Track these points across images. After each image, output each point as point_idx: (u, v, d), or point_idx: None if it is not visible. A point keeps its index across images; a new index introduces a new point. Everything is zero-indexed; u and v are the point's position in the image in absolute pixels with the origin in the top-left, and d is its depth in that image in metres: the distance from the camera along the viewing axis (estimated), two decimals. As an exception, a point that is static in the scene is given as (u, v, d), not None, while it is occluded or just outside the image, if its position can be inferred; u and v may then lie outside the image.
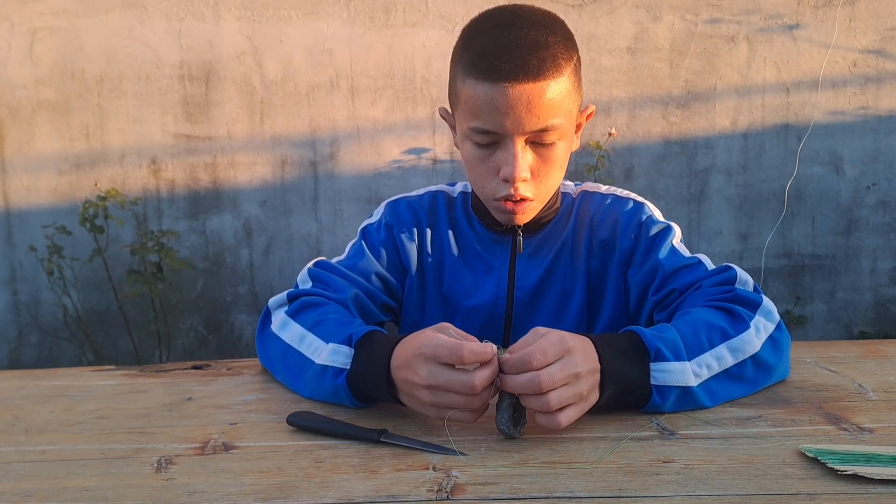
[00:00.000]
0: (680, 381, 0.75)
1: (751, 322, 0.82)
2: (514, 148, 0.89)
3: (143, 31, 2.62)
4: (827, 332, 2.79)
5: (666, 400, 0.75)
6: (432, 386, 0.70)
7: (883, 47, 2.63)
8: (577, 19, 2.61)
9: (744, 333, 0.80)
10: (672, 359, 0.75)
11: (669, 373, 0.75)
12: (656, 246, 0.98)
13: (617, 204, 1.03)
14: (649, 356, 0.75)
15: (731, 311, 0.84)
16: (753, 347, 0.80)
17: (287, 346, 0.87)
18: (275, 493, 0.61)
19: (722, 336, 0.80)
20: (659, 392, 0.75)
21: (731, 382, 0.79)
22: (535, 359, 0.67)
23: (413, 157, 2.69)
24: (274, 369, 0.92)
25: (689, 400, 0.76)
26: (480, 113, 0.88)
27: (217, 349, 2.79)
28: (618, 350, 0.75)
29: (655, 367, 0.75)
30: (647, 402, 0.75)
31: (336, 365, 0.80)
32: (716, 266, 0.95)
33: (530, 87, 0.85)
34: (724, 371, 0.78)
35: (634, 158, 2.70)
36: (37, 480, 0.65)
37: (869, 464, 0.62)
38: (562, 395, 0.68)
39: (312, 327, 0.86)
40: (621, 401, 0.75)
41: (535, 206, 0.96)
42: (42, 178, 2.70)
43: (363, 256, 1.03)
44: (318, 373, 0.82)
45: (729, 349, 0.79)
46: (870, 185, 2.72)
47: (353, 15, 2.62)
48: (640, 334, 0.76)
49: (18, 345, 2.80)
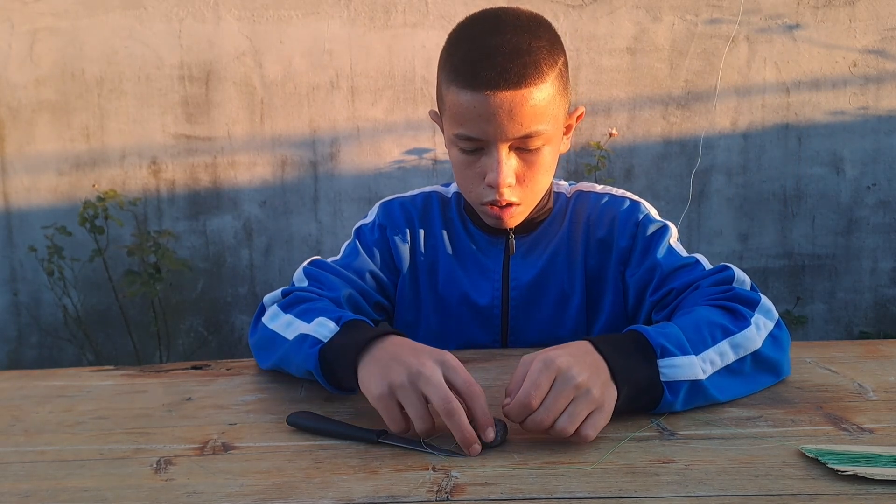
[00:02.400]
0: (689, 374, 0.74)
1: (751, 319, 0.81)
2: (499, 154, 0.89)
3: (143, 32, 2.62)
4: (827, 333, 2.79)
5: (677, 396, 0.74)
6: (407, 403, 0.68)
7: (883, 47, 2.63)
8: (577, 19, 2.61)
9: (745, 330, 0.80)
10: (679, 353, 0.74)
11: (678, 367, 0.74)
12: (654, 245, 0.98)
13: (613, 203, 1.03)
14: (655, 353, 0.74)
15: (731, 309, 0.83)
16: (755, 344, 0.80)
17: (273, 333, 0.88)
18: (274, 493, 0.61)
19: (724, 332, 0.79)
20: (670, 388, 0.73)
21: (735, 379, 0.79)
22: (532, 399, 0.67)
23: (413, 157, 2.69)
24: (260, 357, 0.93)
25: (699, 394, 0.75)
26: (464, 120, 0.88)
27: (217, 349, 2.79)
28: (623, 351, 0.74)
29: (663, 363, 0.74)
30: (659, 401, 0.74)
31: (316, 335, 0.80)
32: (713, 266, 0.94)
33: (512, 95, 0.85)
34: (727, 367, 0.77)
35: (634, 158, 2.70)
36: (36, 481, 0.65)
37: (869, 464, 0.62)
38: (574, 413, 0.67)
39: (301, 315, 0.87)
40: (634, 402, 0.73)
41: (523, 211, 0.96)
42: (42, 178, 2.70)
43: (357, 256, 1.04)
44: (297, 341, 0.82)
45: (731, 345, 0.78)
46: (870, 185, 2.72)
47: (354, 15, 2.62)
48: (643, 332, 0.75)
49: (18, 345, 2.80)
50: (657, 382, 0.73)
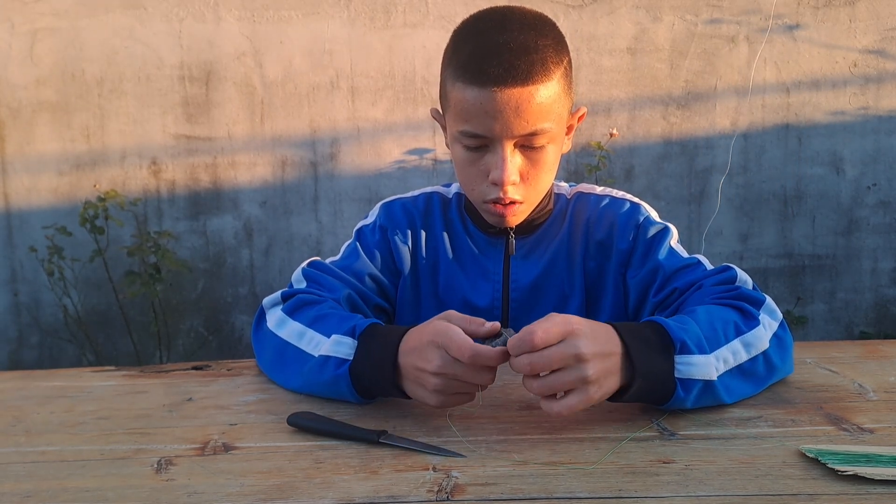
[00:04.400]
0: (703, 374, 0.74)
1: (759, 318, 0.82)
2: (504, 152, 0.89)
3: (143, 32, 2.62)
4: (827, 333, 2.79)
5: (689, 394, 0.74)
6: (442, 374, 0.70)
7: (883, 47, 2.63)
8: (578, 20, 2.61)
9: (755, 329, 0.80)
10: (696, 352, 0.74)
11: (694, 366, 0.74)
12: (655, 247, 0.98)
13: (613, 205, 1.03)
14: (674, 348, 0.74)
15: (739, 307, 0.83)
16: (764, 344, 0.80)
17: (284, 343, 0.87)
18: (275, 493, 0.61)
19: (736, 330, 0.79)
20: (683, 385, 0.73)
21: (744, 379, 0.79)
22: (535, 338, 0.67)
23: (413, 157, 2.69)
24: (269, 367, 0.92)
25: (709, 394, 0.75)
26: (470, 117, 0.88)
27: (217, 350, 2.79)
28: (644, 341, 0.73)
29: (680, 359, 0.73)
30: (671, 396, 0.74)
31: (338, 355, 0.80)
32: (715, 266, 0.95)
33: (519, 92, 0.85)
34: (738, 366, 0.78)
35: (635, 159, 2.70)
36: (37, 481, 0.65)
37: (869, 464, 0.62)
38: (562, 379, 0.68)
39: (312, 323, 0.86)
40: (647, 395, 0.74)
41: (525, 209, 0.96)
42: (42, 178, 2.70)
43: (357, 257, 1.04)
44: (318, 364, 0.81)
45: (743, 344, 0.78)
46: (870, 185, 2.72)
47: (354, 15, 2.62)
48: (665, 326, 0.75)
49: (19, 345, 2.80)
50: (671, 378, 0.73)
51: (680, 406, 0.75)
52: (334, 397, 0.82)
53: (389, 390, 0.77)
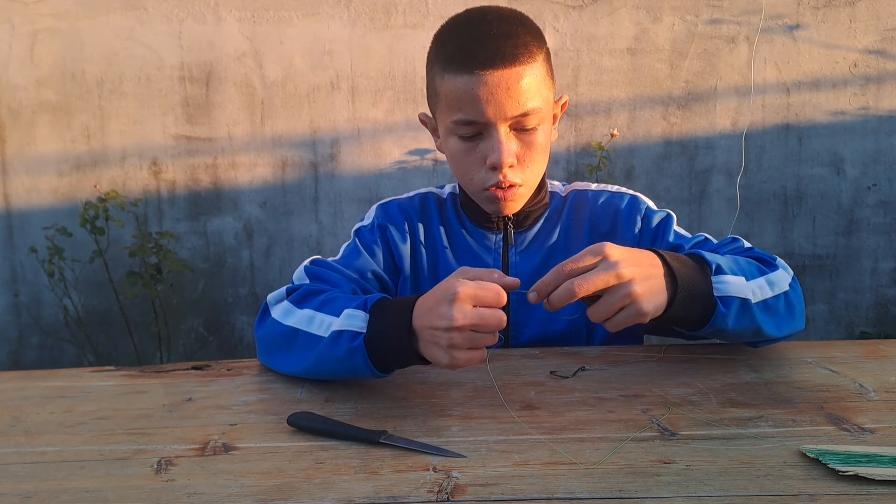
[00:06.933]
0: (740, 292, 0.80)
1: (778, 265, 0.89)
2: (499, 135, 0.92)
3: (143, 33, 2.62)
4: (828, 333, 2.79)
5: (729, 309, 0.79)
6: (456, 328, 0.71)
7: (883, 47, 2.63)
8: (578, 20, 2.61)
9: (776, 271, 0.87)
10: (729, 273, 0.81)
11: (729, 284, 0.80)
12: (663, 232, 1.03)
13: (613, 198, 1.08)
14: (710, 268, 0.80)
15: (759, 257, 0.91)
16: (785, 286, 0.87)
17: (293, 330, 0.86)
18: (275, 494, 0.61)
19: (760, 271, 0.86)
20: (723, 302, 0.79)
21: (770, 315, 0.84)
22: (566, 265, 0.72)
23: (414, 157, 2.69)
24: (273, 356, 0.91)
25: (748, 315, 0.81)
26: (462, 104, 0.91)
27: (218, 350, 2.79)
28: (682, 262, 0.79)
29: (717, 279, 0.80)
30: (713, 312, 0.79)
31: (352, 328, 0.80)
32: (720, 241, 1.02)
33: (507, 73, 0.89)
34: (764, 301, 0.83)
35: (635, 159, 2.70)
36: (37, 481, 0.65)
37: (870, 464, 0.62)
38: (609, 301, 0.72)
39: (320, 307, 0.86)
40: (690, 309, 0.79)
41: (524, 193, 0.98)
42: (43, 179, 2.70)
43: (359, 255, 1.04)
44: (331, 340, 0.81)
45: (767, 282, 0.85)
46: (870, 185, 2.72)
47: (354, 16, 2.62)
48: (698, 252, 0.82)
49: (19, 346, 2.80)
50: (710, 294, 0.79)
51: (721, 325, 0.80)
52: (347, 375, 0.82)
53: (407, 356, 0.78)
